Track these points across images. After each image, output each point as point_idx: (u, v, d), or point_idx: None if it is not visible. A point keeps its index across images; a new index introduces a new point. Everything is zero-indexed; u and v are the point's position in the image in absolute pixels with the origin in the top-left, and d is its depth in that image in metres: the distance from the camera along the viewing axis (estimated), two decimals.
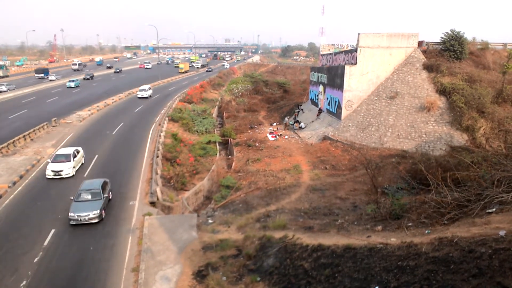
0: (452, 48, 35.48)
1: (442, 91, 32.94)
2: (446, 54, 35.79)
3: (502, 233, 8.17)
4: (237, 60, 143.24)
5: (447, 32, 36.19)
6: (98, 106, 45.18)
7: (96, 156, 27.22)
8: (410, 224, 12.14)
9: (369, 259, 10.13)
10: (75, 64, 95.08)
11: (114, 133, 34.06)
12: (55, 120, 35.97)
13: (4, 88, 55.00)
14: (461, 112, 30.74)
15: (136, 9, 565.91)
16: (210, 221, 19.69)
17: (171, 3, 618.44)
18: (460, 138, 29.93)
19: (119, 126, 36.28)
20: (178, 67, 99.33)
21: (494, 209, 10.21)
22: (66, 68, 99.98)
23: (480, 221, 9.75)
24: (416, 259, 8.99)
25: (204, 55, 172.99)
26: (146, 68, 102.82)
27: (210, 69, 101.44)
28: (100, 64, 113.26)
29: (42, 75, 75.42)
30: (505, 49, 37.55)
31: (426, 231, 10.72)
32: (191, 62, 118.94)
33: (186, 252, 15.19)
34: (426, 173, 14.13)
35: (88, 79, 74.00)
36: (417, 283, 8.17)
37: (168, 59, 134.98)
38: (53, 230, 16.83)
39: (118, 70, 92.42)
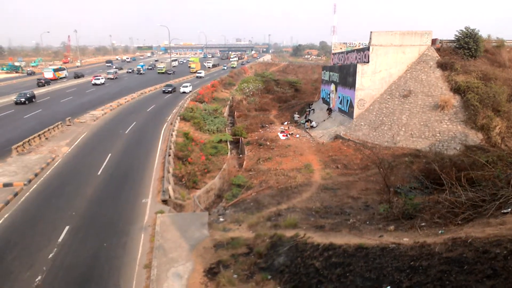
0: (467, 45, 34.86)
1: (457, 90, 32.39)
2: (461, 52, 35.19)
3: None
4: (247, 61, 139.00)
5: (461, 30, 35.58)
6: (111, 105, 45.80)
7: (110, 154, 27.62)
8: (423, 224, 11.98)
9: (381, 259, 10.04)
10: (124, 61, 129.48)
11: (127, 132, 34.49)
12: (69, 120, 36.60)
13: None
14: (475, 110, 30.20)
15: (148, 9, 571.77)
16: (221, 219, 19.78)
17: (183, 4, 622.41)
18: (475, 137, 29.39)
19: (132, 125, 36.72)
20: (162, 72, 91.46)
21: (510, 209, 10.01)
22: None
23: (495, 222, 9.58)
24: (429, 259, 8.87)
25: (210, 55, 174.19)
26: (96, 84, 66.93)
27: (201, 76, 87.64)
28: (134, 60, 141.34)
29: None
30: None
31: (440, 231, 10.57)
32: (189, 65, 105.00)
33: (197, 250, 15.29)
34: (440, 173, 13.94)
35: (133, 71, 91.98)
36: (430, 283, 8.06)
37: (140, 67, 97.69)
38: (67, 227, 17.14)
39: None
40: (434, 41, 36.55)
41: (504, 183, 11.18)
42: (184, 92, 59.39)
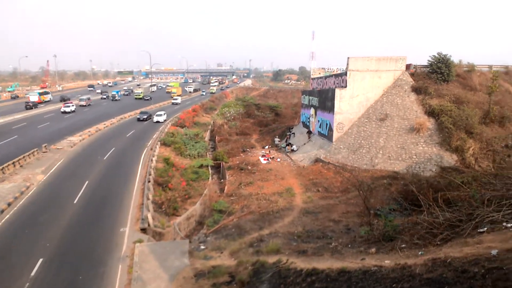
0: (439, 70, 36.42)
1: (431, 113, 33.56)
2: (434, 77, 36.69)
3: (494, 252, 8.17)
4: (226, 87, 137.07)
5: (434, 55, 37.24)
6: (89, 131, 45.02)
7: (87, 182, 26.90)
8: (403, 245, 12.07)
9: (363, 282, 9.99)
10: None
11: (105, 158, 33.82)
12: (45, 146, 35.66)
13: None
14: (449, 133, 31.24)
15: (129, 34, 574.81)
16: (202, 247, 19.37)
17: (164, 29, 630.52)
18: (450, 159, 30.27)
19: (111, 151, 36.08)
20: (140, 97, 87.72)
21: (486, 228, 10.23)
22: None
23: (472, 241, 9.74)
24: (411, 281, 8.89)
25: (191, 80, 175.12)
26: (66, 112, 61.31)
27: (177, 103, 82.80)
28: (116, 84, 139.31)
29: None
30: (491, 71, 38.66)
31: (420, 252, 10.66)
32: (167, 90, 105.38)
33: (177, 280, 14.83)
34: (417, 194, 14.19)
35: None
36: None
37: (115, 92, 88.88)
38: (41, 259, 16.39)
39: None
40: (408, 66, 38.07)
41: (479, 203, 11.46)
42: (158, 122, 54.67)
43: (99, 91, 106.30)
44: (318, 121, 42.20)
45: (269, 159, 38.64)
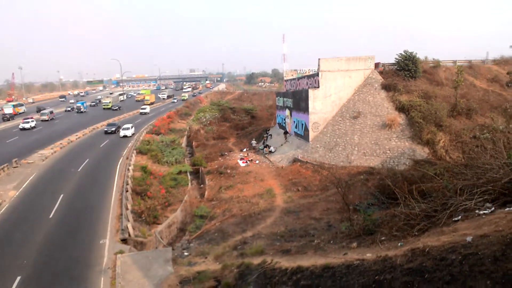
0: (407, 67, 37.74)
1: (401, 109, 34.70)
2: (402, 74, 37.98)
3: (469, 239, 8.54)
4: (199, 92, 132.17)
5: (401, 53, 38.56)
6: (61, 143, 43.65)
7: (62, 195, 26.08)
8: (383, 238, 12.44)
9: (347, 277, 10.26)
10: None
11: (79, 170, 32.91)
12: (16, 161, 34.31)
13: None
14: (420, 127, 32.39)
15: (99, 43, 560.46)
16: (186, 253, 19.22)
17: (134, 36, 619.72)
18: (422, 152, 31.38)
19: (85, 163, 35.13)
20: (108, 107, 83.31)
21: (460, 216, 10.70)
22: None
23: (448, 230, 10.16)
24: (392, 272, 9.19)
25: (163, 87, 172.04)
26: (25, 128, 55.64)
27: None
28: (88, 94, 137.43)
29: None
30: (455, 66, 40.41)
31: (399, 244, 11.02)
32: (136, 99, 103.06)
33: None
34: (393, 188, 14.66)
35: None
36: None
37: (80, 104, 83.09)
38: (18, 278, 15.78)
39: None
40: (377, 65, 39.22)
41: (453, 193, 11.96)
42: (125, 136, 48.36)
43: (72, 101, 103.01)
44: (294, 121, 42.72)
45: (248, 161, 38.76)
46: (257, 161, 38.89)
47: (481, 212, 10.14)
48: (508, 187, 10.38)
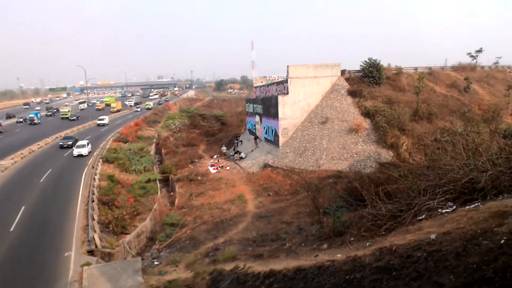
0: (371, 74, 39.12)
1: (366, 114, 35.87)
2: (366, 80, 39.32)
3: (433, 236, 8.91)
4: (165, 100, 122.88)
5: (365, 61, 39.93)
6: (22, 153, 41.56)
7: (23, 207, 24.73)
8: (352, 239, 12.76)
9: (319, 278, 10.42)
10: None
11: (42, 180, 31.42)
12: None
13: None
14: (384, 131, 33.62)
15: (61, 49, 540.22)
16: (156, 262, 18.80)
17: (99, 42, 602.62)
18: (387, 155, 32.53)
19: (48, 173, 33.59)
20: (67, 117, 77.10)
21: (424, 216, 11.16)
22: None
23: (413, 228, 10.58)
24: (362, 271, 9.44)
25: (129, 94, 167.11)
26: None
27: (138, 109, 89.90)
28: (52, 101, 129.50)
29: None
30: (416, 72, 42.36)
31: (368, 244, 11.34)
32: (97, 107, 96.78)
33: None
34: (360, 190, 15.10)
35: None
36: None
37: (33, 115, 72.49)
38: None
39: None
40: (343, 72, 40.37)
41: (417, 193, 12.49)
42: (80, 155, 40.34)
43: (38, 108, 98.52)
44: (264, 127, 43.04)
45: (219, 168, 38.56)
46: (227, 168, 38.77)
47: (444, 211, 10.62)
48: (468, 187, 10.95)
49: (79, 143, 42.60)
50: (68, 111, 79.90)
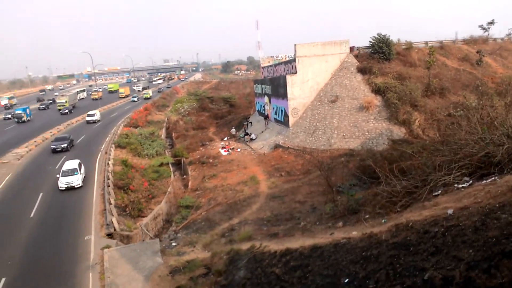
0: (381, 50, 38.33)
1: (377, 91, 35.38)
2: (376, 56, 38.58)
3: (450, 211, 8.95)
4: (167, 87, 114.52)
5: (374, 36, 39.06)
6: (35, 141, 42.29)
7: (41, 194, 25.41)
8: (367, 216, 12.88)
9: (335, 255, 10.59)
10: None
11: (57, 167, 32.02)
12: None
13: None
14: (396, 108, 33.20)
15: (67, 36, 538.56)
16: (173, 244, 19.28)
17: (106, 28, 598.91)
18: (399, 132, 32.23)
19: (62, 159, 34.20)
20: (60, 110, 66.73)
21: (440, 191, 11.18)
22: None
23: (429, 204, 10.62)
24: (378, 247, 9.56)
25: (135, 79, 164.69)
26: None
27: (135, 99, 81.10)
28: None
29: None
30: (427, 47, 41.34)
31: (383, 220, 11.44)
32: (93, 97, 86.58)
33: (153, 280, 14.71)
34: (374, 167, 15.10)
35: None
36: (383, 269, 8.68)
37: (21, 111, 59.18)
38: (3, 279, 15.41)
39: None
40: (352, 49, 39.62)
41: (432, 169, 12.46)
42: (71, 188, 26.11)
43: (57, 93, 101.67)
44: (273, 108, 42.86)
45: (230, 150, 38.77)
46: (238, 149, 38.96)
47: (460, 185, 10.61)
48: (484, 161, 10.87)
49: (66, 167, 27.74)
50: (66, 101, 69.85)
